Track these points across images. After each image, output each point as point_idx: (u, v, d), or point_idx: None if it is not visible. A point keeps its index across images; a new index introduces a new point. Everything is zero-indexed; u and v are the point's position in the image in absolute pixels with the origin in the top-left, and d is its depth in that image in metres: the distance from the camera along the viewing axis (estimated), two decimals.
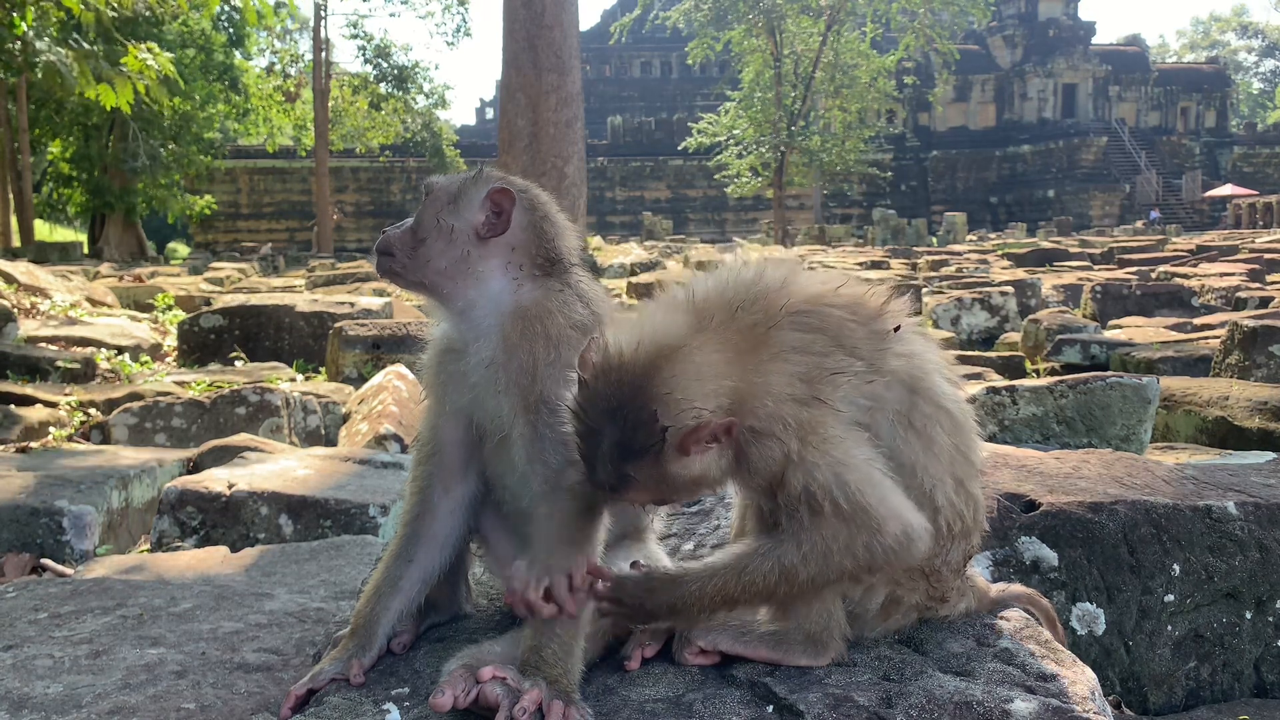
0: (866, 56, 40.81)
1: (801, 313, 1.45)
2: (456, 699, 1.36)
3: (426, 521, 1.65)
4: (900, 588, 1.51)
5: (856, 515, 1.37)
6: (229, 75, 40.36)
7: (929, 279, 15.09)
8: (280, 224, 52.19)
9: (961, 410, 1.55)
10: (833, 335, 1.45)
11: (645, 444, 1.31)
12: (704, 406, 1.32)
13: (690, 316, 1.41)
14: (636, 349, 1.35)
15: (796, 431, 1.37)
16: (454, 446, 1.65)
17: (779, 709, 1.37)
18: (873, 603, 1.51)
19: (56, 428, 5.83)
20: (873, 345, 1.46)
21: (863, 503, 1.37)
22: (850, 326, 1.46)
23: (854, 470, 1.38)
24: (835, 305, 1.48)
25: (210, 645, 1.84)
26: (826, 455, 1.37)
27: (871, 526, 1.37)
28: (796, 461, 1.37)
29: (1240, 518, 2.30)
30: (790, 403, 1.37)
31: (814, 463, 1.37)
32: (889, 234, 37.57)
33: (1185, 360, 6.47)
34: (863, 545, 1.37)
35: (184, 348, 8.96)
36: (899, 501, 1.40)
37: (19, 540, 3.34)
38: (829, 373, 1.41)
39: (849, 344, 1.45)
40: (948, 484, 1.49)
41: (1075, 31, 59.32)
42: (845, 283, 1.55)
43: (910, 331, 1.53)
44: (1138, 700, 2.21)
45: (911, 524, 1.39)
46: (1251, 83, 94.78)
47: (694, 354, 1.35)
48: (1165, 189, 55.34)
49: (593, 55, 62.65)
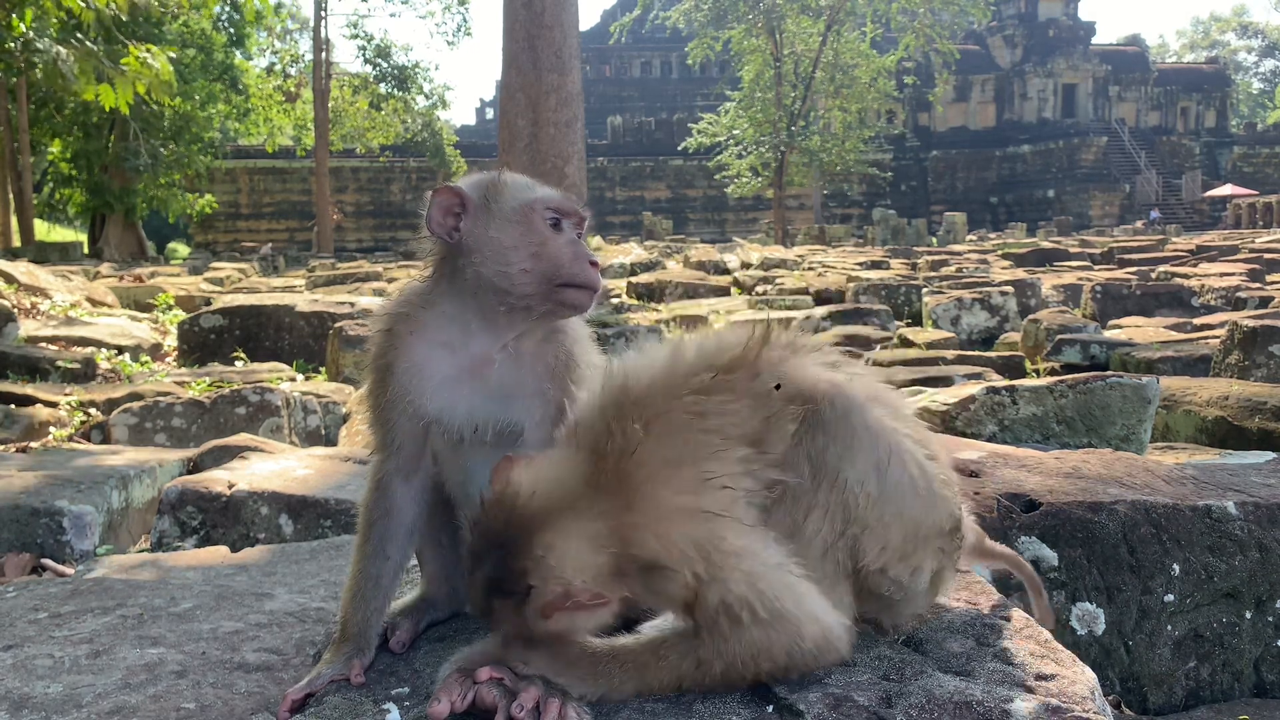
0: (866, 56, 40.81)
1: (665, 414, 1.37)
2: (454, 704, 1.35)
3: (395, 516, 1.64)
4: (943, 554, 1.51)
5: (775, 623, 1.34)
6: (229, 75, 40.35)
7: (929, 279, 15.09)
8: (280, 224, 52.17)
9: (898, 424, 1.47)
10: (710, 428, 1.36)
11: (511, 590, 1.30)
12: (574, 579, 1.29)
13: (586, 458, 1.36)
14: (530, 499, 1.32)
15: (697, 555, 1.32)
16: (412, 441, 1.61)
17: (779, 709, 1.37)
18: (921, 582, 1.50)
19: (56, 428, 5.83)
20: (760, 414, 1.38)
21: (780, 609, 1.34)
22: (726, 405, 1.38)
23: (767, 578, 1.34)
24: (699, 389, 1.38)
25: (210, 645, 1.84)
26: (735, 570, 1.33)
27: (791, 632, 1.35)
28: (706, 580, 1.33)
29: (1240, 518, 2.30)
30: (681, 527, 1.32)
31: (724, 579, 1.33)
32: (889, 234, 37.57)
33: (1185, 360, 6.47)
34: (783, 650, 1.36)
35: (184, 348, 8.96)
36: (816, 604, 1.38)
37: (19, 540, 3.34)
38: (716, 480, 1.34)
39: (730, 429, 1.37)
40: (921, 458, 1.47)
41: (1075, 31, 59.35)
42: (715, 344, 1.44)
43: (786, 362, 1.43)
44: (1137, 700, 2.21)
45: (829, 625, 1.38)
46: (1251, 83, 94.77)
47: (576, 520, 1.31)
48: (1165, 189, 55.36)
49: (593, 55, 62.66)
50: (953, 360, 6.94)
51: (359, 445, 4.88)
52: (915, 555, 1.45)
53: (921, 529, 1.45)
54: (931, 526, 1.47)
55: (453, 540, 1.70)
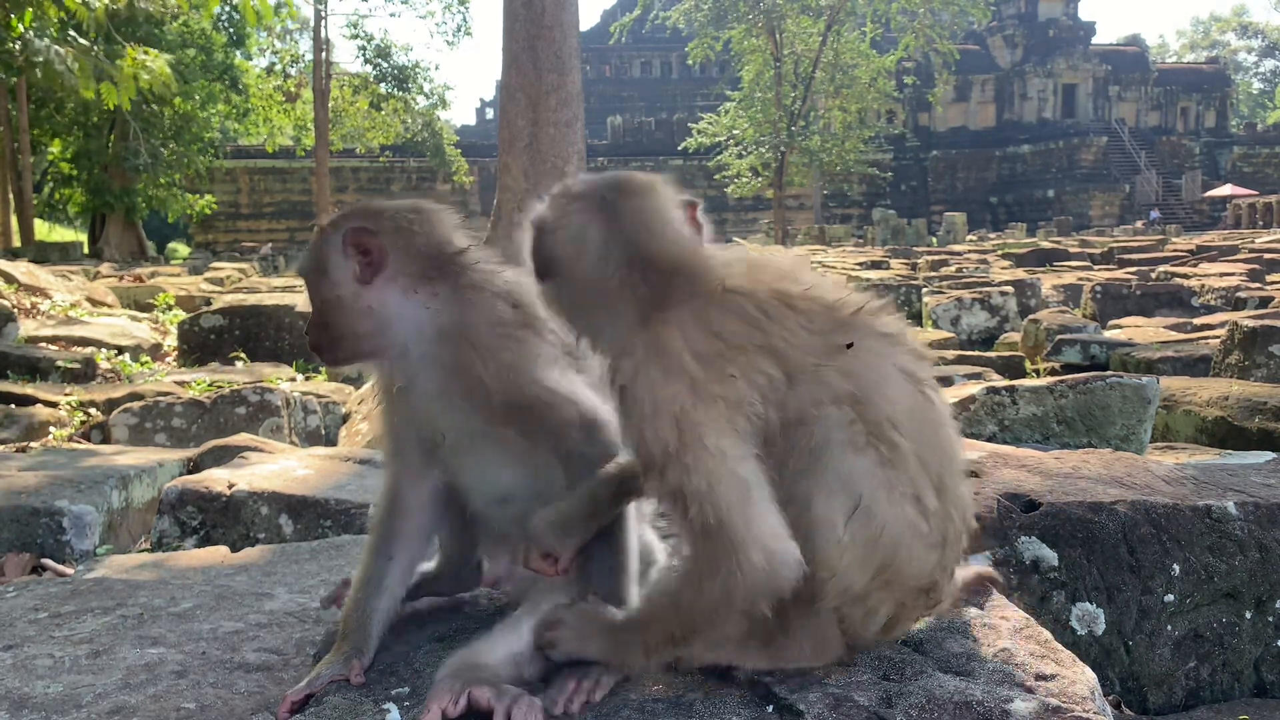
0: (866, 56, 40.83)
1: (740, 292, 1.37)
2: (445, 711, 1.36)
3: (400, 519, 1.67)
4: (903, 607, 1.43)
5: (717, 534, 1.29)
6: (229, 75, 40.31)
7: (929, 279, 15.09)
8: (280, 224, 52.16)
9: (929, 416, 1.43)
10: (763, 331, 1.34)
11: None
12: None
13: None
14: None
15: (675, 427, 1.30)
16: (414, 446, 1.66)
17: (779, 709, 1.37)
18: (874, 624, 1.43)
19: (57, 428, 5.83)
20: (816, 357, 1.36)
21: (726, 521, 1.29)
22: (795, 331, 1.36)
23: (726, 487, 1.30)
24: (787, 303, 1.37)
25: (210, 645, 1.84)
26: (703, 462, 1.30)
27: (725, 548, 1.29)
28: (674, 456, 1.31)
29: (1240, 518, 2.30)
30: (677, 389, 1.31)
31: (689, 465, 1.30)
32: (889, 234, 37.59)
33: (1185, 360, 6.46)
34: (725, 570, 1.30)
35: (184, 348, 8.96)
36: (766, 527, 1.30)
37: (19, 540, 3.34)
38: (728, 371, 1.32)
39: (780, 348, 1.34)
40: (928, 494, 1.38)
41: (1075, 31, 59.35)
42: (818, 285, 1.43)
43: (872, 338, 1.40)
44: (1137, 700, 2.21)
45: (776, 551, 1.30)
46: (1251, 83, 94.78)
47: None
48: (1165, 189, 55.36)
49: (593, 55, 62.65)
50: (953, 360, 6.94)
51: (359, 445, 4.88)
52: (872, 599, 1.39)
53: (891, 581, 1.38)
54: (902, 583, 1.40)
55: (458, 531, 1.75)
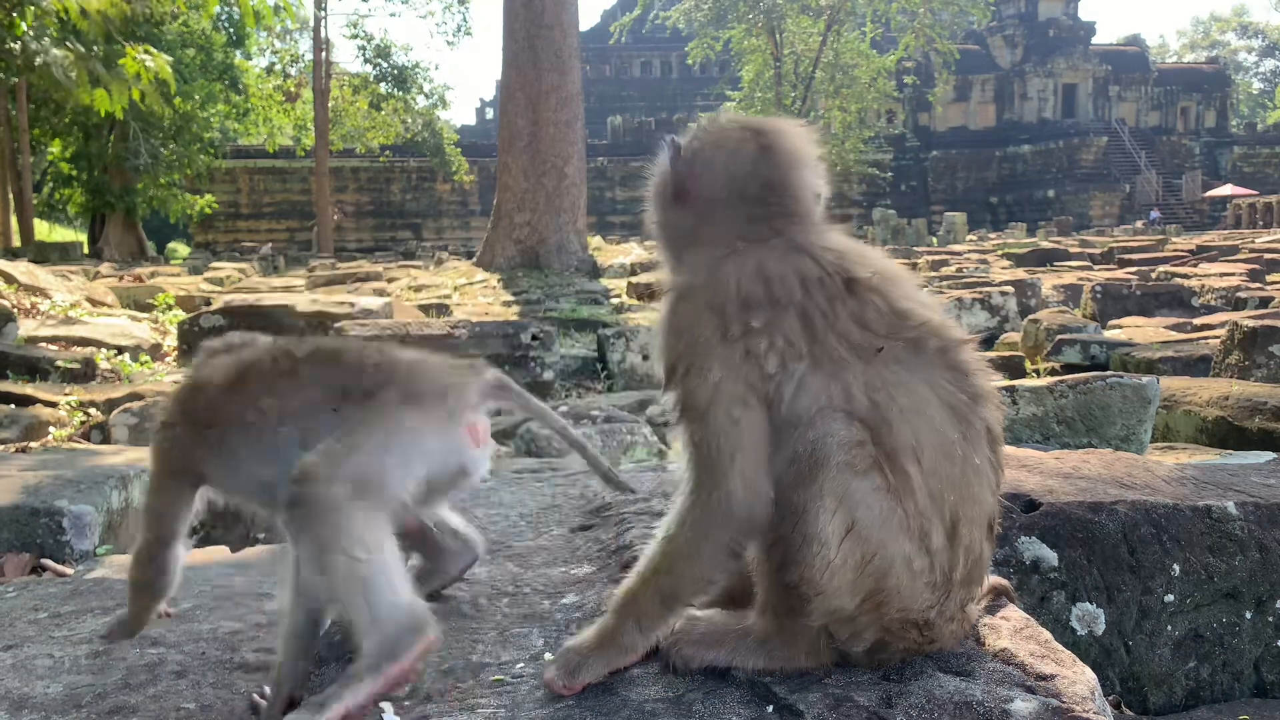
0: (866, 56, 40.83)
1: (806, 251, 1.44)
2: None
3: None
4: (889, 634, 1.40)
5: (708, 454, 1.35)
6: (229, 75, 40.30)
7: (929, 279, 15.08)
8: (280, 224, 52.13)
9: (961, 457, 1.39)
10: (806, 293, 1.38)
11: None
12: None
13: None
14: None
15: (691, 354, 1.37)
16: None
17: (779, 709, 1.37)
18: (860, 645, 1.42)
19: (56, 428, 5.83)
20: (845, 348, 1.36)
21: (716, 446, 1.34)
22: (838, 313, 1.37)
23: (720, 418, 1.35)
24: (848, 284, 1.40)
25: (210, 645, 1.84)
26: (702, 392, 1.35)
27: (720, 470, 1.34)
28: (683, 374, 1.38)
29: (1240, 518, 2.30)
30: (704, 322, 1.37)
31: (693, 390, 1.37)
32: (889, 234, 37.55)
33: (1185, 360, 6.46)
34: (708, 490, 1.35)
35: (184, 348, 8.96)
36: (752, 462, 1.34)
37: (19, 540, 3.34)
38: (752, 323, 1.36)
39: (814, 319, 1.37)
40: (936, 533, 1.36)
41: (1075, 31, 59.33)
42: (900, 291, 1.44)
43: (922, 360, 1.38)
44: (1138, 700, 2.21)
45: (755, 485, 1.34)
46: (1251, 83, 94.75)
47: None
48: (1165, 189, 55.33)
49: (593, 55, 62.61)
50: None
51: None
52: (859, 622, 1.38)
53: (882, 606, 1.37)
54: (889, 614, 1.38)
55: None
